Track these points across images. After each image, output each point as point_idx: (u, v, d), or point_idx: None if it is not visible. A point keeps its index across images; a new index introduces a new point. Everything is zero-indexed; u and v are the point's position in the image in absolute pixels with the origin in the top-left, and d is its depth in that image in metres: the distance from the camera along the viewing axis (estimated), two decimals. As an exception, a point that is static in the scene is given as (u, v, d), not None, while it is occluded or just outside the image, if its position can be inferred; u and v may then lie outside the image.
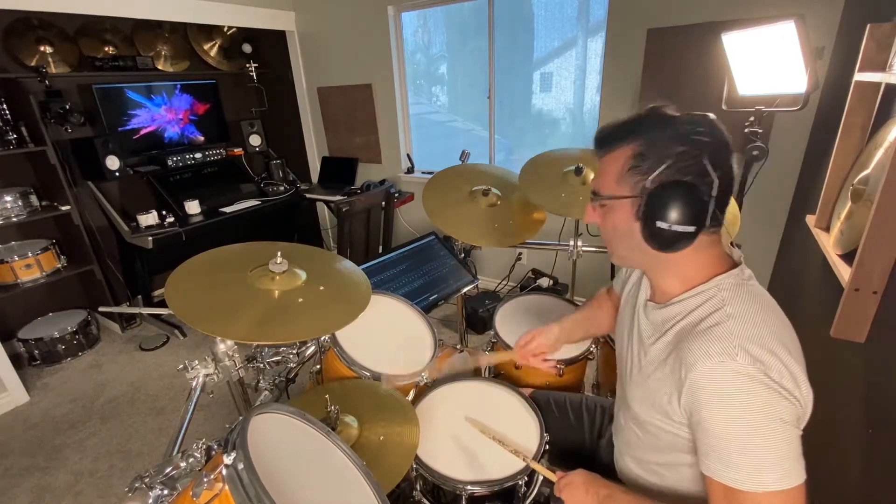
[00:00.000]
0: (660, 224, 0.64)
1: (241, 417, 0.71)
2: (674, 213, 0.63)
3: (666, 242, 0.66)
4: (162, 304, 3.11)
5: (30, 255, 2.52)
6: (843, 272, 1.03)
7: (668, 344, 0.72)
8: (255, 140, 3.62)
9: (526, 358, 1.12)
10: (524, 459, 0.95)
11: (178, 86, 3.19)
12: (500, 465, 0.96)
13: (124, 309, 3.09)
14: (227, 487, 0.57)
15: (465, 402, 1.15)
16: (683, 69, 2.12)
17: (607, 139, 0.71)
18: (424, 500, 1.03)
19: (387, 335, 1.34)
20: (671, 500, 0.78)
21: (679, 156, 0.63)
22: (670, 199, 0.63)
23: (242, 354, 1.21)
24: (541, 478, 1.04)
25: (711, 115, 0.66)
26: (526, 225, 1.64)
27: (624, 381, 0.87)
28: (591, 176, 1.63)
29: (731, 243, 0.79)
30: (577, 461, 1.11)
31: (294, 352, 1.37)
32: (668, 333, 0.73)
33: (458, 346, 1.44)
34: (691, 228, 0.64)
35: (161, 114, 3.13)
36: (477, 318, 2.67)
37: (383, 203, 2.98)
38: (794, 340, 0.65)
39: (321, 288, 1.10)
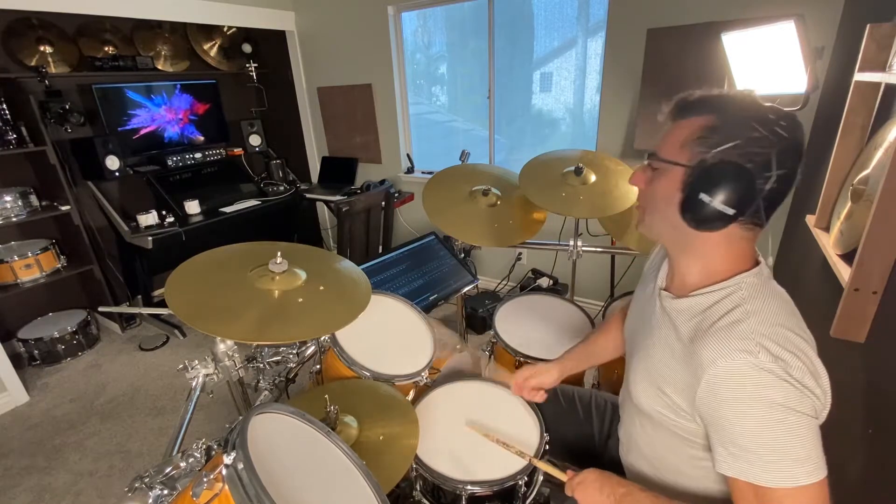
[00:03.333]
0: (702, 196, 0.63)
1: (241, 417, 0.71)
2: (718, 190, 0.62)
3: (700, 218, 0.65)
4: (162, 304, 3.11)
5: (30, 255, 2.51)
6: (843, 272, 1.03)
7: (681, 338, 0.71)
8: (254, 140, 3.62)
9: (521, 392, 1.10)
10: (530, 460, 0.94)
11: (178, 86, 3.19)
12: (500, 465, 0.96)
13: (124, 309, 3.09)
14: (226, 487, 0.57)
15: (464, 401, 1.15)
16: (683, 69, 2.12)
17: (687, 107, 0.69)
18: (424, 500, 1.03)
19: (387, 335, 1.34)
20: (686, 499, 0.77)
21: (749, 140, 0.61)
22: (722, 176, 0.62)
23: (242, 354, 1.22)
24: (541, 477, 1.04)
25: (798, 119, 0.64)
26: (526, 225, 1.64)
27: (628, 367, 0.86)
28: (592, 177, 1.63)
29: None
30: (584, 458, 1.10)
31: (294, 352, 1.37)
32: (681, 327, 0.71)
33: (459, 347, 1.44)
34: (731, 211, 0.63)
35: (161, 114, 3.13)
36: (477, 318, 2.67)
37: (383, 203, 2.98)
38: (812, 340, 0.65)
39: (321, 288, 1.10)
